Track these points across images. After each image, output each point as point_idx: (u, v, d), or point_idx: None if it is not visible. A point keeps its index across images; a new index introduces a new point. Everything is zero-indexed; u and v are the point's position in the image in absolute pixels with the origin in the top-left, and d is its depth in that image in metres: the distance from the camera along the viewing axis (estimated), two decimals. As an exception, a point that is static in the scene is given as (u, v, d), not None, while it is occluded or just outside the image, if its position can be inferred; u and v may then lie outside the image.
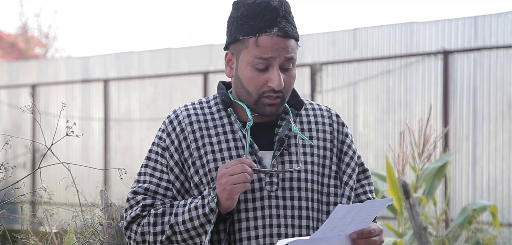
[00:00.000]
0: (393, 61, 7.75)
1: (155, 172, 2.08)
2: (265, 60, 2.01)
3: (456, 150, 7.31)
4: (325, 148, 2.12)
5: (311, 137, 2.12)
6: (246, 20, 2.02)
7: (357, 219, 1.92)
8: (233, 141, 2.06)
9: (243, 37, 2.02)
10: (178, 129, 2.08)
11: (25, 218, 3.02)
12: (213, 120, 2.10)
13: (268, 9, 2.01)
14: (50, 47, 19.20)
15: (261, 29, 2.01)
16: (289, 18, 2.04)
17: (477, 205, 5.59)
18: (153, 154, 2.10)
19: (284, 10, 2.03)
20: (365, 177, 2.19)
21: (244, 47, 2.02)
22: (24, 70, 11.03)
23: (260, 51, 2.00)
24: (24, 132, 10.66)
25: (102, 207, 2.64)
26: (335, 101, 8.14)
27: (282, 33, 2.01)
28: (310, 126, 2.14)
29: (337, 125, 2.17)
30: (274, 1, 2.03)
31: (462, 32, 7.40)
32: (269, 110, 2.04)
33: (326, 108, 2.21)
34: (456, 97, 7.39)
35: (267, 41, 2.00)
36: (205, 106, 2.13)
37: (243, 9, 2.03)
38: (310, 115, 2.16)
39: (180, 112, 2.11)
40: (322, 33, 8.29)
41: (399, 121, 7.64)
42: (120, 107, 9.93)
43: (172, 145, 2.07)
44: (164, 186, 2.06)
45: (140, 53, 9.90)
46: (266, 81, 2.02)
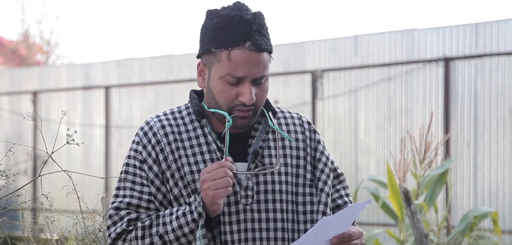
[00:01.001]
0: (394, 68, 7.76)
1: (135, 185, 2.05)
2: (237, 76, 1.99)
3: (457, 157, 7.30)
4: (298, 157, 2.11)
5: (284, 146, 2.11)
6: (219, 33, 2.00)
7: (338, 224, 1.92)
8: (208, 153, 2.05)
9: (216, 49, 2.00)
10: (154, 140, 2.06)
11: (26, 225, 3.02)
12: (187, 131, 2.08)
13: (241, 22, 1.99)
14: (52, 54, 19.23)
15: (234, 42, 1.98)
16: (263, 31, 2.02)
17: (478, 212, 5.58)
18: (131, 167, 2.07)
19: (258, 23, 2.01)
20: (339, 182, 2.19)
21: (217, 61, 2.01)
22: (25, 76, 11.04)
23: (232, 66, 1.98)
24: (25, 139, 10.66)
25: (103, 214, 2.64)
26: (336, 108, 8.14)
27: (255, 47, 1.99)
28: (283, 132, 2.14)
29: (309, 133, 2.16)
30: (248, 14, 2.01)
31: (463, 39, 7.41)
32: (241, 123, 2.03)
33: (297, 115, 2.20)
34: (457, 104, 7.39)
35: (239, 55, 1.98)
36: (177, 116, 2.11)
37: (216, 20, 2.01)
38: (282, 123, 2.15)
39: (154, 124, 2.09)
40: (323, 40, 8.30)
41: (400, 128, 7.64)
42: (121, 114, 9.94)
43: (150, 157, 2.05)
44: (146, 199, 2.03)
45: (141, 60, 9.91)
46: (237, 95, 2.00)
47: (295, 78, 8.27)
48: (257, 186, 2.04)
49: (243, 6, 2.04)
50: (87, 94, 10.25)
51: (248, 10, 2.03)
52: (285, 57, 8.47)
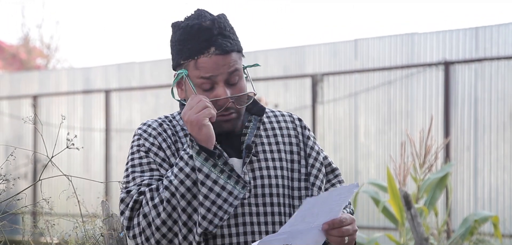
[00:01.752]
0: (394, 72, 7.76)
1: (144, 173, 2.07)
2: (207, 79, 2.02)
3: (457, 161, 7.30)
4: (292, 152, 2.15)
5: (277, 142, 2.15)
6: (184, 44, 2.04)
7: (325, 209, 1.91)
8: None
9: (184, 61, 2.05)
10: (154, 133, 2.11)
11: (26, 229, 3.02)
12: (183, 129, 2.13)
13: (201, 30, 2.02)
14: (52, 58, 19.24)
15: (198, 51, 2.02)
16: (226, 33, 2.05)
17: (478, 216, 5.57)
18: (136, 160, 2.09)
19: (218, 27, 2.04)
20: (334, 176, 2.23)
21: (189, 71, 2.05)
22: (25, 80, 11.05)
23: (201, 72, 2.02)
24: (25, 143, 10.66)
25: (103, 218, 2.64)
26: (336, 112, 8.15)
27: (220, 51, 2.02)
28: (275, 131, 2.17)
29: (301, 129, 2.20)
30: (206, 20, 2.04)
31: (463, 43, 7.41)
32: (226, 126, 2.07)
33: (288, 113, 2.24)
34: (457, 108, 7.40)
35: (206, 62, 2.02)
36: (171, 119, 2.16)
37: (179, 33, 2.06)
38: (273, 121, 2.19)
39: (151, 122, 2.15)
40: (323, 44, 8.30)
41: (400, 132, 7.64)
42: (121, 118, 9.94)
43: (153, 146, 2.09)
44: (156, 178, 2.05)
45: (142, 64, 9.91)
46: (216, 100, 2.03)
47: (295, 82, 8.28)
48: (254, 181, 2.07)
49: (202, 14, 2.06)
50: (87, 98, 10.25)
51: (207, 16, 2.05)
52: (285, 61, 8.48)
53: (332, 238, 1.96)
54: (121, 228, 2.68)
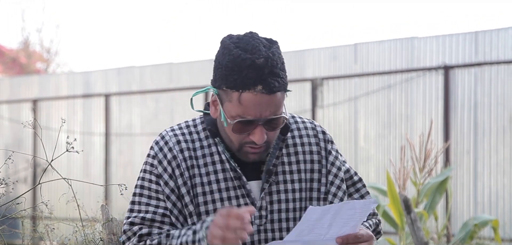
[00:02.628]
0: (394, 76, 7.76)
1: (151, 200, 2.03)
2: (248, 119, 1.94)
3: (457, 165, 7.30)
4: (313, 170, 2.09)
5: (297, 161, 2.08)
6: (230, 73, 1.93)
7: (338, 222, 1.87)
8: (221, 172, 2.03)
9: (227, 88, 1.95)
10: (170, 156, 2.04)
11: (26, 233, 3.02)
12: (201, 148, 2.05)
13: (252, 67, 1.91)
14: (52, 62, 19.24)
15: (245, 86, 1.92)
16: (276, 71, 1.94)
17: (478, 220, 5.57)
18: (146, 181, 2.05)
19: (270, 65, 1.93)
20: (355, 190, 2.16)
21: (228, 99, 1.96)
22: (25, 85, 11.04)
23: (243, 109, 1.93)
24: (25, 147, 10.66)
25: (103, 222, 2.63)
26: (336, 116, 8.15)
27: (267, 90, 1.92)
28: (296, 148, 2.09)
29: (324, 143, 2.12)
30: (260, 57, 1.92)
31: (462, 47, 7.42)
32: (252, 157, 2.01)
33: (311, 124, 2.15)
34: (457, 112, 7.40)
35: (251, 99, 1.92)
36: (193, 131, 2.09)
37: (228, 58, 1.94)
38: (295, 135, 2.11)
39: (169, 138, 2.07)
40: (323, 48, 8.31)
41: (400, 136, 7.64)
42: (121, 122, 9.94)
43: (165, 173, 2.03)
44: (161, 213, 2.01)
45: (142, 68, 9.91)
46: (249, 134, 1.97)
47: (295, 86, 8.28)
48: (270, 205, 2.02)
49: (256, 47, 1.94)
50: (87, 102, 10.25)
51: (261, 51, 1.94)
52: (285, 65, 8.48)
53: None
54: (121, 233, 2.67)
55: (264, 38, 2.02)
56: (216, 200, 2.02)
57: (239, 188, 2.02)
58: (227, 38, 2.00)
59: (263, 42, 1.98)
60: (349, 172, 2.15)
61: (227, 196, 2.02)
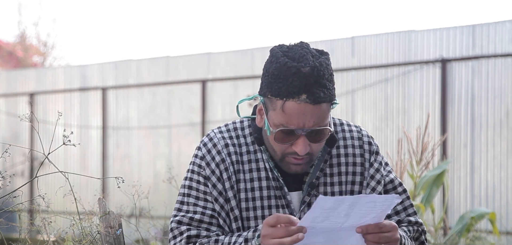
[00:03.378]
0: (391, 69, 7.76)
1: (199, 201, 2.03)
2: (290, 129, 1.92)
3: (454, 158, 7.31)
4: (354, 183, 2.07)
5: (340, 172, 2.06)
6: (276, 80, 1.92)
7: (357, 213, 1.85)
8: (265, 180, 2.03)
9: (271, 96, 1.94)
10: (218, 158, 2.04)
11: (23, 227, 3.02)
12: (248, 153, 2.05)
13: (297, 75, 1.90)
14: (48, 55, 19.21)
15: (289, 94, 1.90)
16: (322, 81, 1.92)
17: (475, 213, 5.58)
18: (194, 182, 2.05)
19: (316, 75, 1.91)
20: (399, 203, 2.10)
21: (272, 108, 1.95)
22: (22, 78, 11.03)
23: (286, 117, 1.91)
24: (22, 141, 10.65)
25: (100, 215, 2.63)
26: (334, 109, 8.15)
27: (311, 100, 1.90)
28: (340, 159, 2.08)
29: (368, 155, 2.10)
30: (306, 66, 1.91)
31: (460, 40, 7.42)
32: (294, 169, 1.99)
33: (357, 133, 2.12)
34: (454, 105, 7.40)
35: (294, 107, 1.90)
36: (240, 134, 2.08)
37: (275, 66, 1.93)
38: (340, 146, 2.08)
39: (217, 141, 2.06)
40: (320, 41, 8.30)
41: (397, 129, 7.65)
42: (118, 115, 9.93)
43: (213, 175, 2.03)
44: (209, 214, 2.02)
45: (138, 61, 9.90)
46: (291, 144, 1.95)
47: (292, 80, 8.27)
48: None
49: (304, 56, 1.93)
50: (84, 96, 10.24)
51: (308, 60, 1.93)
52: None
53: (368, 243, 1.89)
54: (118, 226, 2.67)
55: (315, 49, 2.00)
56: (257, 208, 2.03)
57: (280, 198, 2.02)
58: (277, 47, 1.99)
59: (312, 52, 1.97)
60: (393, 183, 2.12)
61: (268, 204, 2.02)
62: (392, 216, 2.11)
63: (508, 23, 7.18)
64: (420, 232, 2.12)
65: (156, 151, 9.57)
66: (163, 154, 9.49)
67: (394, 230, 1.89)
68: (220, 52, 9.25)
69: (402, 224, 2.10)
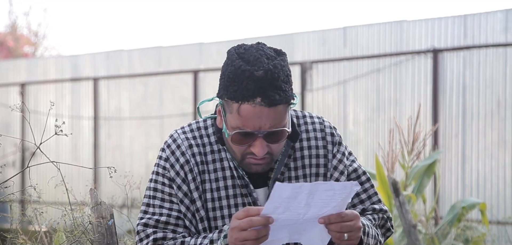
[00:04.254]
0: (383, 60, 7.77)
1: (164, 202, 2.04)
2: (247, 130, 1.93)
3: (445, 148, 7.34)
4: (318, 175, 2.08)
5: (303, 165, 2.07)
6: (231, 84, 1.92)
7: (317, 202, 1.85)
8: (230, 178, 2.04)
9: (227, 99, 1.94)
10: (182, 160, 2.04)
11: (14, 217, 3.01)
12: (212, 152, 2.05)
13: (251, 79, 1.90)
14: (40, 45, 19.14)
15: (244, 97, 1.90)
16: (278, 83, 1.91)
17: (466, 203, 5.61)
18: (159, 184, 2.05)
19: (270, 78, 1.90)
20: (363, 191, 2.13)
21: (229, 111, 1.95)
22: (13, 68, 10.98)
23: (242, 120, 1.92)
24: (13, 131, 10.62)
25: (92, 205, 2.63)
26: (325, 100, 8.16)
27: (266, 103, 1.90)
28: (303, 152, 2.08)
29: (332, 146, 2.10)
30: (260, 70, 1.90)
31: (451, 30, 7.43)
32: (255, 169, 2.00)
33: (320, 125, 2.11)
34: (445, 95, 7.42)
35: (250, 110, 1.91)
36: (203, 134, 2.08)
37: (230, 69, 1.94)
38: (303, 139, 2.09)
39: (181, 142, 2.06)
40: (312, 32, 8.30)
41: (389, 119, 7.66)
42: (110, 106, 9.91)
43: (178, 177, 2.04)
44: (175, 216, 2.02)
45: (130, 52, 9.88)
46: (250, 145, 1.96)
47: (284, 70, 8.27)
48: None
49: (259, 59, 1.93)
50: (75, 86, 10.21)
51: (262, 63, 1.92)
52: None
53: (331, 233, 1.90)
54: (110, 216, 2.67)
55: (272, 49, 2.00)
56: (223, 207, 2.04)
57: (246, 196, 2.03)
58: (234, 48, 1.99)
59: (268, 54, 1.96)
60: (357, 172, 2.13)
61: (234, 203, 2.03)
62: (356, 205, 2.11)
63: (500, 13, 7.19)
64: (385, 219, 2.13)
65: (148, 142, 9.56)
66: (155, 145, 9.48)
67: (356, 219, 1.89)
68: (212, 42, 9.23)
69: (367, 212, 2.12)
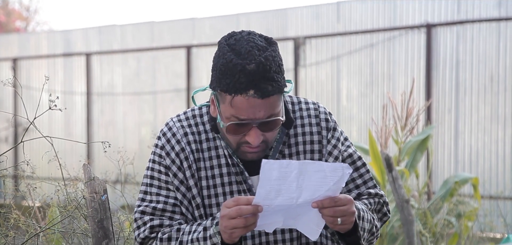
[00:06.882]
0: (377, 35, 7.76)
1: (161, 190, 2.06)
2: (241, 121, 1.94)
3: (438, 123, 7.36)
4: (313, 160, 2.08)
5: (297, 152, 2.08)
6: (223, 77, 1.93)
7: (309, 185, 1.85)
8: (225, 166, 2.05)
9: (221, 91, 1.95)
10: (177, 148, 2.06)
11: (7, 193, 3.01)
12: (207, 140, 2.07)
13: (243, 73, 1.90)
14: (31, 20, 19.02)
15: (236, 90, 1.91)
16: (270, 75, 1.91)
17: (459, 178, 5.63)
18: (156, 172, 2.07)
19: (262, 70, 1.90)
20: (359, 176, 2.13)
21: (222, 102, 1.96)
22: (5, 43, 10.92)
23: (236, 111, 1.93)
24: (5, 106, 10.58)
25: (85, 181, 2.63)
26: (319, 75, 8.15)
27: (259, 95, 1.91)
28: (297, 138, 2.09)
29: (326, 132, 2.11)
30: (251, 63, 1.90)
31: (445, 5, 7.42)
32: (250, 157, 2.01)
33: (315, 111, 2.12)
34: (439, 70, 7.43)
35: (243, 102, 1.92)
36: (199, 122, 2.09)
37: (222, 61, 1.93)
38: (297, 125, 2.10)
39: (176, 130, 2.08)
40: (305, 7, 8.27)
41: (382, 95, 7.67)
42: (102, 81, 9.88)
43: (174, 164, 2.05)
44: (171, 203, 2.04)
45: (123, 27, 9.83)
46: (244, 135, 1.97)
47: (277, 45, 8.25)
48: None
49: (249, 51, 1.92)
50: (68, 61, 10.17)
51: (254, 55, 1.91)
52: (267, 24, 8.44)
53: (325, 217, 1.90)
54: (103, 192, 2.67)
55: (262, 39, 1.98)
56: (218, 194, 2.05)
57: (241, 183, 2.04)
58: (224, 39, 1.98)
59: (259, 45, 1.94)
60: (352, 157, 2.13)
61: (229, 190, 2.04)
62: (352, 190, 2.12)
63: (493, -11, 7.18)
64: (381, 203, 2.13)
65: (141, 118, 9.55)
66: (148, 121, 9.47)
67: (349, 204, 1.89)
68: (205, 17, 9.19)
69: (362, 197, 2.12)
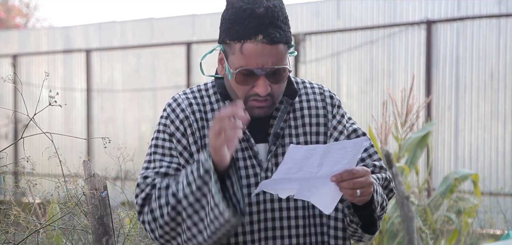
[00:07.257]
0: (377, 31, 7.76)
1: (164, 157, 2.08)
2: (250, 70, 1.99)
3: (438, 119, 7.35)
4: (318, 133, 2.13)
5: (303, 124, 2.12)
6: (233, 25, 2.00)
7: (329, 161, 1.89)
8: None
9: (230, 41, 2.01)
10: (182, 115, 2.09)
11: (7, 189, 3.01)
12: (212, 110, 2.11)
13: (252, 16, 1.98)
14: (31, 16, 19.02)
15: (246, 36, 1.98)
16: (278, 23, 2.01)
17: (458, 174, 5.63)
18: (160, 141, 2.09)
19: (271, 16, 2.00)
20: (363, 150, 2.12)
21: (231, 52, 2.02)
22: (5, 40, 10.92)
23: (245, 59, 1.99)
24: (6, 103, 10.58)
25: (85, 177, 2.63)
26: (319, 72, 8.15)
27: (267, 40, 1.98)
28: (303, 112, 2.14)
29: (330, 108, 2.16)
30: (260, 7, 1.99)
31: (445, 2, 7.41)
32: (257, 112, 2.04)
33: (319, 89, 2.19)
34: (439, 67, 7.42)
35: (252, 48, 1.98)
36: (204, 94, 2.14)
37: (231, 11, 2.02)
38: (303, 100, 2.15)
39: (181, 100, 2.12)
40: (305, 3, 8.27)
41: (382, 91, 7.67)
42: (102, 78, 9.88)
43: (178, 131, 2.08)
44: (174, 167, 2.06)
45: (123, 23, 9.83)
46: (253, 86, 2.01)
47: (277, 42, 8.25)
48: (276, 168, 2.05)
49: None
50: (67, 58, 10.16)
51: (262, 2, 2.00)
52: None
53: (343, 190, 1.93)
54: (103, 188, 2.67)
55: None
56: None
57: (246, 149, 2.06)
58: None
59: None
60: (357, 133, 2.17)
61: (235, 157, 2.05)
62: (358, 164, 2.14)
63: (493, -15, 7.18)
64: (388, 180, 2.18)
65: (140, 114, 9.55)
66: (147, 117, 9.47)
67: (367, 175, 1.93)
68: (205, 14, 9.19)
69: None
